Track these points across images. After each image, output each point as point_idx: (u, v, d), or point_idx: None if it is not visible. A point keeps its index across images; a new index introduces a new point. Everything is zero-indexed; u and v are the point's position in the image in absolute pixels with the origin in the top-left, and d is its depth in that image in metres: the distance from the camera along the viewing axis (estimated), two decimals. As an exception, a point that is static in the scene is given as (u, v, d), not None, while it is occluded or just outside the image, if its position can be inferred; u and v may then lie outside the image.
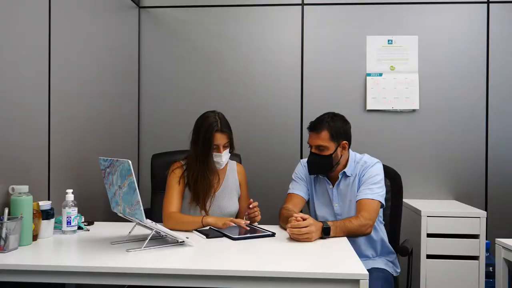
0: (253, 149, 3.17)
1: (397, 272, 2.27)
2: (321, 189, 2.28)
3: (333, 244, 1.87)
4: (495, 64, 3.10)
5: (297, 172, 2.33)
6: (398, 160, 3.02)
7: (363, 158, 2.24)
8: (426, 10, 3.14)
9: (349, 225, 1.99)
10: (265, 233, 1.99)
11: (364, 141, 3.05)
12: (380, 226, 2.26)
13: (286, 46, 3.20)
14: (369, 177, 2.15)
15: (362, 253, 2.21)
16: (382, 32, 3.17)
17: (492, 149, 3.10)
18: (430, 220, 2.70)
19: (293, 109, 3.19)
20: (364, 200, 2.10)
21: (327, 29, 3.19)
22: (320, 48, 3.19)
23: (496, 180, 3.09)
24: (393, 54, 3.16)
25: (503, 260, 1.96)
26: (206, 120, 2.20)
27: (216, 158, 2.19)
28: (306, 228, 1.87)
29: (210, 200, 2.23)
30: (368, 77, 3.16)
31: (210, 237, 1.93)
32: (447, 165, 3.13)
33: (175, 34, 3.26)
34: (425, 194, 3.12)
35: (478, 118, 3.11)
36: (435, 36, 3.14)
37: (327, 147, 2.15)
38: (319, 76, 3.18)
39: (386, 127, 3.14)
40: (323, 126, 2.15)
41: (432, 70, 3.14)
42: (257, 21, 3.22)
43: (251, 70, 3.22)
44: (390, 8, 3.16)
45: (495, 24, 3.10)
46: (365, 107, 3.15)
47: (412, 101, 3.13)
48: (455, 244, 2.70)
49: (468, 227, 2.70)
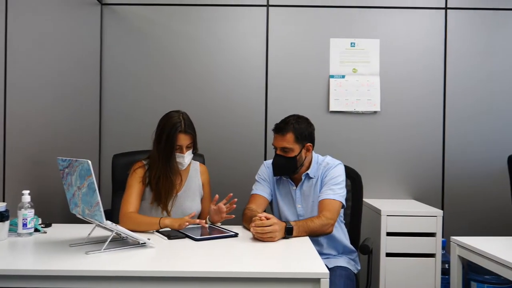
0: (217, 149, 3.16)
1: (357, 270, 2.32)
2: (284, 190, 2.30)
3: (296, 243, 1.89)
4: (452, 68, 3.22)
5: (261, 173, 2.34)
6: (359, 160, 3.08)
7: (325, 159, 2.28)
8: (388, 15, 3.22)
9: (311, 224, 2.02)
10: (228, 234, 1.99)
11: (327, 142, 3.10)
12: (342, 226, 2.31)
13: (251, 47, 3.21)
14: (331, 178, 2.19)
15: (325, 252, 2.25)
16: (345, 35, 3.22)
17: (449, 151, 3.21)
18: (390, 219, 2.77)
19: (257, 110, 3.20)
20: (326, 200, 2.13)
21: (291, 31, 3.22)
22: (285, 49, 3.21)
23: (452, 180, 3.21)
24: (355, 56, 3.23)
25: (458, 257, 2.04)
26: (170, 120, 2.18)
27: (178, 159, 2.17)
28: (270, 227, 1.89)
29: (172, 201, 2.21)
30: (331, 79, 3.21)
31: (172, 238, 1.91)
32: (406, 165, 3.22)
33: (139, 32, 3.21)
34: (385, 194, 3.20)
35: (436, 120, 3.22)
36: (396, 39, 3.22)
37: (292, 149, 2.17)
38: (284, 77, 3.21)
39: (348, 128, 3.20)
40: (288, 128, 2.18)
41: (392, 72, 3.22)
42: (222, 21, 3.21)
43: (216, 70, 3.21)
44: (353, 11, 3.23)
45: (453, 29, 3.22)
46: (328, 108, 3.20)
47: (374, 103, 3.21)
48: (413, 242, 2.78)
49: (425, 226, 2.79)
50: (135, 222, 2.04)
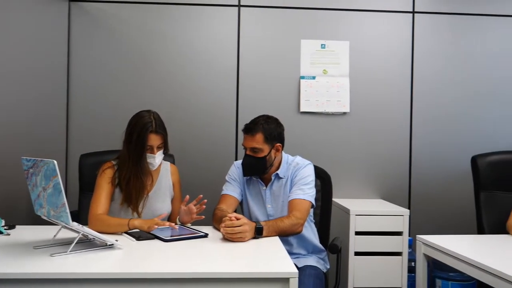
0: (188, 149, 3.14)
1: (327, 269, 2.35)
2: (254, 190, 2.31)
3: (266, 243, 1.90)
4: (418, 70, 3.29)
5: (231, 174, 2.34)
6: (329, 161, 3.12)
7: (295, 159, 2.30)
8: (357, 17, 3.27)
9: (281, 224, 2.04)
10: (198, 234, 1.98)
11: (297, 142, 3.12)
12: (311, 225, 2.33)
13: (223, 46, 3.21)
14: (301, 178, 2.21)
15: (295, 252, 2.27)
16: (315, 37, 3.26)
17: (415, 151, 3.29)
18: (358, 219, 2.82)
19: (228, 110, 3.20)
20: (296, 200, 2.15)
21: (263, 31, 3.23)
22: (256, 50, 3.22)
23: (418, 181, 3.29)
24: (325, 58, 3.26)
25: (423, 255, 2.09)
26: (141, 120, 2.15)
27: (149, 159, 2.15)
28: (240, 227, 1.89)
29: (142, 202, 2.19)
30: (302, 80, 3.24)
31: (141, 239, 1.89)
32: (374, 166, 3.27)
33: (108, 29, 3.15)
34: (354, 193, 3.25)
35: (403, 121, 3.29)
36: (365, 42, 3.28)
37: (262, 149, 2.18)
38: (255, 77, 3.22)
39: (318, 129, 3.24)
40: (258, 129, 2.19)
41: (362, 74, 3.27)
42: (194, 21, 3.19)
43: (188, 69, 3.19)
44: (324, 13, 3.26)
45: (420, 33, 3.29)
46: (298, 109, 3.23)
47: (343, 104, 3.25)
48: (381, 241, 2.84)
49: (392, 225, 2.85)
50: (104, 223, 2.01)
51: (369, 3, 3.27)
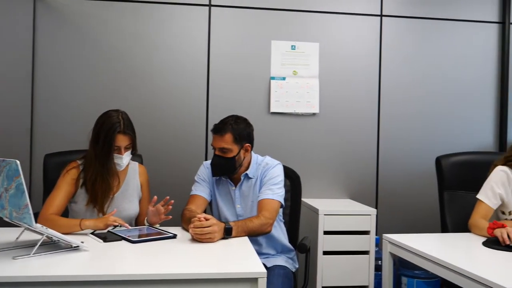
0: (157, 149, 3.10)
1: (296, 268, 2.37)
2: (224, 191, 2.31)
3: (235, 244, 1.91)
4: (386, 72, 3.36)
5: (200, 174, 2.33)
6: (298, 161, 3.15)
7: (264, 160, 2.32)
8: (327, 19, 3.31)
9: (250, 224, 2.04)
10: (166, 235, 1.97)
11: (267, 143, 3.14)
12: (280, 225, 2.35)
13: (193, 46, 3.18)
14: (270, 178, 2.23)
15: (264, 252, 2.28)
16: (286, 38, 3.28)
17: (382, 152, 3.36)
18: (327, 218, 2.85)
19: (198, 110, 3.18)
20: (265, 200, 2.16)
21: (233, 32, 3.23)
22: (227, 50, 3.22)
23: (385, 180, 3.35)
24: (296, 59, 3.29)
25: (389, 254, 2.13)
26: (109, 119, 2.11)
27: (116, 160, 2.12)
28: (209, 228, 1.89)
29: (108, 203, 2.15)
30: (272, 80, 3.25)
31: (108, 241, 1.86)
32: (343, 166, 3.32)
33: (75, 27, 3.08)
34: (323, 193, 3.29)
35: (371, 122, 3.35)
36: (334, 44, 3.32)
37: (231, 150, 2.18)
38: (225, 77, 3.21)
39: (288, 130, 3.26)
40: (227, 129, 2.19)
41: (331, 75, 3.31)
42: (164, 19, 3.15)
43: (157, 68, 3.15)
44: (294, 15, 3.29)
45: (387, 35, 3.36)
46: (269, 109, 3.24)
47: (313, 105, 3.29)
48: (349, 240, 2.88)
49: (360, 224, 2.90)
50: (54, 224, 1.92)
51: (339, 6, 3.32)
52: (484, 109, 3.47)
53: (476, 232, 2.18)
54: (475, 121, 3.46)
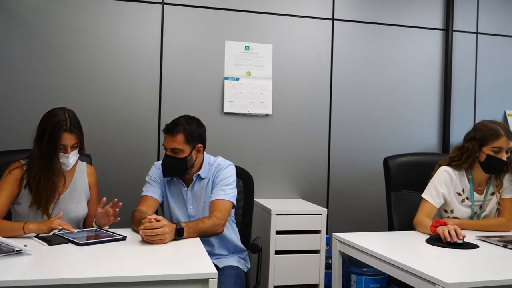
0: (107, 149, 3.02)
1: (248, 268, 2.38)
2: (176, 191, 2.29)
3: (186, 245, 1.89)
4: (337, 75, 3.44)
5: (151, 174, 2.30)
6: (251, 162, 3.16)
7: (217, 160, 2.31)
8: (281, 22, 3.35)
9: (202, 225, 2.03)
10: (116, 237, 1.92)
11: (221, 143, 3.13)
12: (233, 225, 2.35)
13: (145, 45, 3.12)
14: (222, 178, 2.23)
15: (216, 252, 2.28)
16: (240, 38, 3.28)
17: (333, 152, 3.43)
18: (279, 218, 2.88)
19: (150, 109, 3.12)
20: (217, 201, 2.16)
21: (187, 31, 3.20)
22: (180, 49, 3.18)
23: (336, 180, 3.43)
24: (249, 60, 3.30)
25: (338, 252, 2.18)
26: (54, 117, 2.04)
27: (62, 159, 2.04)
28: (159, 229, 1.86)
29: (53, 204, 2.07)
30: (226, 80, 3.25)
31: (53, 244, 1.79)
32: (295, 166, 3.37)
33: (21, 23, 2.94)
34: (276, 194, 3.32)
35: (323, 123, 3.42)
36: (288, 45, 3.36)
37: (182, 150, 2.17)
38: (178, 77, 3.17)
39: (241, 130, 3.27)
40: (179, 129, 2.17)
41: (284, 77, 3.35)
42: (115, 16, 3.07)
43: (108, 66, 3.07)
44: (248, 16, 3.30)
45: (338, 39, 3.44)
46: (222, 110, 3.24)
47: (266, 106, 3.31)
48: (300, 239, 2.92)
49: (311, 224, 2.95)
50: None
51: (292, 9, 3.36)
52: (429, 112, 3.62)
53: (420, 230, 2.27)
54: (421, 123, 3.60)
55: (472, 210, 2.37)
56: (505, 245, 1.99)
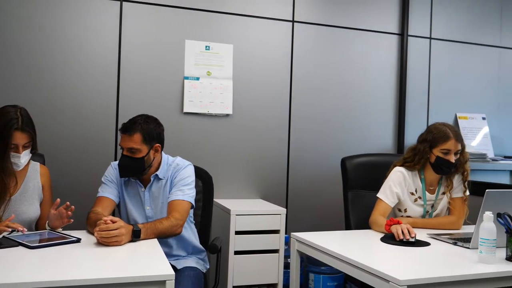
0: (62, 149, 2.93)
1: (206, 269, 2.37)
2: (133, 192, 2.25)
3: (143, 246, 1.86)
4: (297, 76, 3.48)
5: (108, 175, 2.25)
6: (211, 162, 3.15)
7: (175, 160, 2.29)
8: (241, 22, 3.35)
9: (159, 226, 2.01)
10: (70, 239, 1.87)
11: (180, 143, 3.11)
12: (191, 226, 2.34)
13: (103, 42, 3.05)
14: (181, 179, 2.21)
15: (174, 254, 2.26)
16: (200, 38, 3.26)
17: (293, 153, 3.47)
18: (238, 218, 2.89)
19: (108, 108, 3.05)
20: (175, 201, 2.14)
21: (146, 29, 3.14)
22: (139, 47, 3.12)
23: (295, 181, 3.47)
24: (210, 60, 3.29)
25: (296, 252, 2.21)
26: (5, 115, 1.96)
27: (13, 159, 1.97)
28: (115, 231, 1.83)
29: (4, 205, 1.99)
30: (186, 80, 3.22)
31: (2, 247, 1.72)
32: (255, 166, 3.38)
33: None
34: (235, 194, 3.33)
35: (282, 124, 3.45)
36: (248, 46, 3.37)
37: (140, 150, 2.13)
38: (137, 75, 3.11)
39: (201, 130, 3.25)
40: (136, 129, 2.13)
41: (244, 77, 3.36)
42: (71, 13, 2.98)
43: (63, 64, 2.97)
44: (209, 15, 3.28)
45: (298, 41, 3.48)
46: (182, 109, 3.21)
47: (226, 106, 3.31)
48: (260, 239, 2.93)
49: (270, 224, 2.96)
50: None
51: (253, 10, 3.38)
52: (385, 114, 3.72)
53: (375, 229, 2.33)
54: (377, 125, 3.70)
55: (424, 209, 2.46)
56: (454, 243, 2.08)
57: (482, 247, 1.77)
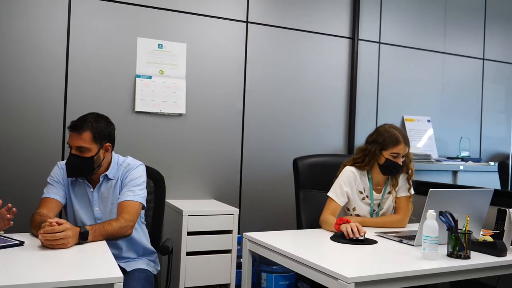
0: (5, 148, 2.79)
1: (157, 270, 2.34)
2: (81, 193, 2.18)
3: (91, 249, 1.81)
4: (250, 76, 3.50)
5: (54, 175, 2.17)
6: (163, 162, 3.11)
7: (126, 160, 2.24)
8: (195, 21, 3.33)
9: (108, 228, 1.96)
10: (12, 243, 1.79)
11: (131, 142, 3.05)
12: (142, 227, 2.29)
13: (50, 38, 2.93)
14: (132, 179, 2.16)
15: (124, 256, 2.21)
16: (153, 36, 3.21)
17: (246, 153, 3.48)
18: (191, 219, 2.86)
19: (55, 107, 2.93)
20: (125, 202, 2.10)
21: (96, 25, 3.05)
22: (89, 44, 3.03)
23: (248, 181, 3.48)
24: (163, 58, 3.24)
25: (248, 251, 2.22)
26: None
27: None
28: (61, 233, 1.77)
29: None
30: (138, 78, 3.16)
31: None
32: (208, 167, 3.36)
33: None
34: (188, 194, 3.29)
35: (236, 124, 3.45)
36: (202, 46, 3.35)
37: (89, 149, 2.07)
38: (86, 72, 3.02)
39: (153, 130, 3.20)
40: (86, 127, 2.07)
41: (198, 77, 3.33)
42: (15, 7, 2.84)
43: (7, 60, 2.82)
44: (162, 13, 3.24)
45: (252, 42, 3.50)
46: (133, 108, 3.14)
47: (179, 106, 3.27)
48: (212, 240, 2.92)
49: (223, 224, 2.96)
50: None
51: (207, 9, 3.36)
52: (336, 115, 3.80)
53: (326, 228, 2.39)
54: (329, 126, 3.77)
55: (371, 208, 2.54)
56: (400, 240, 2.16)
57: (426, 244, 1.85)
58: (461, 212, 1.97)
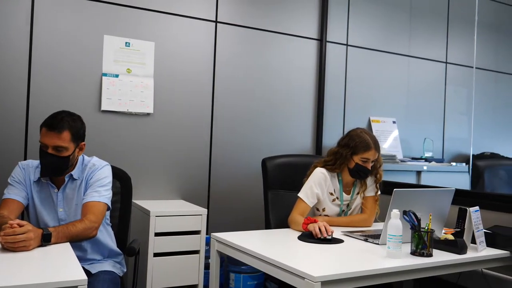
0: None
1: (123, 272, 2.30)
2: (44, 193, 2.12)
3: (54, 251, 1.76)
4: (220, 76, 3.48)
5: (15, 176, 2.10)
6: (130, 162, 3.07)
7: (91, 160, 2.19)
8: (163, 20, 3.29)
9: (72, 229, 1.91)
10: (-30, 246, 1.72)
11: (97, 142, 2.98)
12: (107, 229, 2.25)
13: (12, 35, 2.83)
14: (97, 179, 2.12)
15: (89, 257, 2.16)
16: (120, 34, 3.16)
17: (215, 153, 3.47)
18: (158, 220, 2.83)
19: (16, 106, 2.84)
20: (90, 203, 2.05)
21: (61, 22, 2.98)
22: (53, 40, 2.95)
23: (217, 181, 3.47)
24: (130, 57, 3.19)
25: (216, 252, 2.21)
26: None
27: None
28: (23, 235, 1.71)
29: None
30: (104, 77, 3.10)
31: None
32: (176, 167, 3.33)
33: None
34: (155, 195, 3.25)
35: (205, 124, 3.44)
36: (171, 44, 3.31)
37: (67, 148, 2.02)
38: (51, 70, 2.94)
39: (120, 129, 3.14)
40: (65, 126, 2.01)
41: (166, 76, 3.30)
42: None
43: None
44: (130, 11, 3.19)
45: (221, 42, 3.49)
46: (99, 107, 3.08)
47: (147, 105, 3.23)
48: (180, 240, 2.90)
49: (191, 224, 2.94)
50: None
51: (176, 8, 3.33)
52: (305, 116, 3.84)
53: (293, 228, 2.41)
54: (297, 127, 3.81)
55: (341, 209, 2.58)
56: (366, 239, 2.20)
57: (390, 243, 1.89)
58: (424, 211, 2.02)
